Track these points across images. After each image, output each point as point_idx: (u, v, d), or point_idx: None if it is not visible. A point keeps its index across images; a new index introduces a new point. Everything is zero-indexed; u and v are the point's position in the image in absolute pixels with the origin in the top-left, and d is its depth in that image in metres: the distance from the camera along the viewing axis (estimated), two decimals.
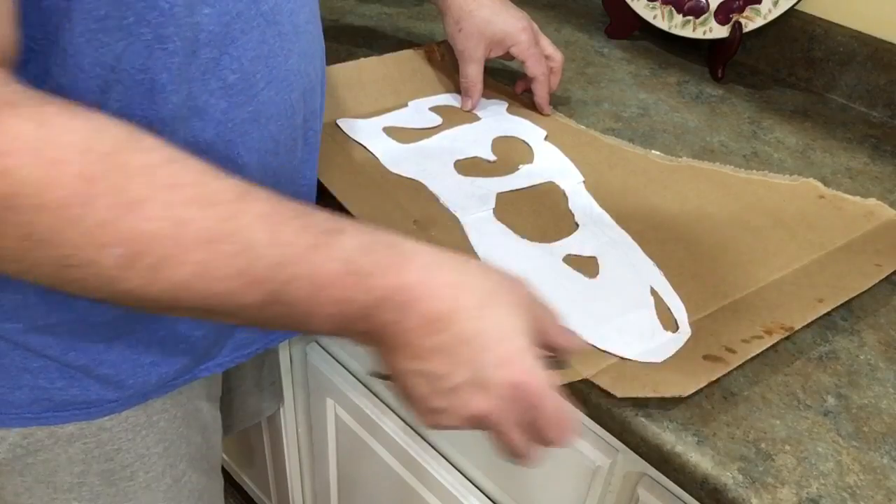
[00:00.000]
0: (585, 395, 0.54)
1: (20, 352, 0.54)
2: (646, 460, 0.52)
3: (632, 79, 0.91)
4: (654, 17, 0.96)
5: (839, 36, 0.87)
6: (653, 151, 0.77)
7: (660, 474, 0.55)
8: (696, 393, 0.52)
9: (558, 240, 0.64)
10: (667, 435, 0.50)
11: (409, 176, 0.69)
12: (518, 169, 0.72)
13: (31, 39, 0.41)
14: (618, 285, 0.60)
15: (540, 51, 0.78)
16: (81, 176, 0.35)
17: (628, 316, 0.57)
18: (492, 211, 0.66)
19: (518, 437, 0.43)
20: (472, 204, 0.67)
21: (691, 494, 0.50)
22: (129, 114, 0.45)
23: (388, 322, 0.40)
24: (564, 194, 0.70)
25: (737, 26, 0.89)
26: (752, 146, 0.80)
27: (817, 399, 0.53)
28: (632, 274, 0.62)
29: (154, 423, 0.64)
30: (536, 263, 0.61)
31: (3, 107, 0.34)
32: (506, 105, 0.82)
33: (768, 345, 0.55)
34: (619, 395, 0.51)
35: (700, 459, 0.49)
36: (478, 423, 0.42)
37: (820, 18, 0.89)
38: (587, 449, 0.61)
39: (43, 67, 0.42)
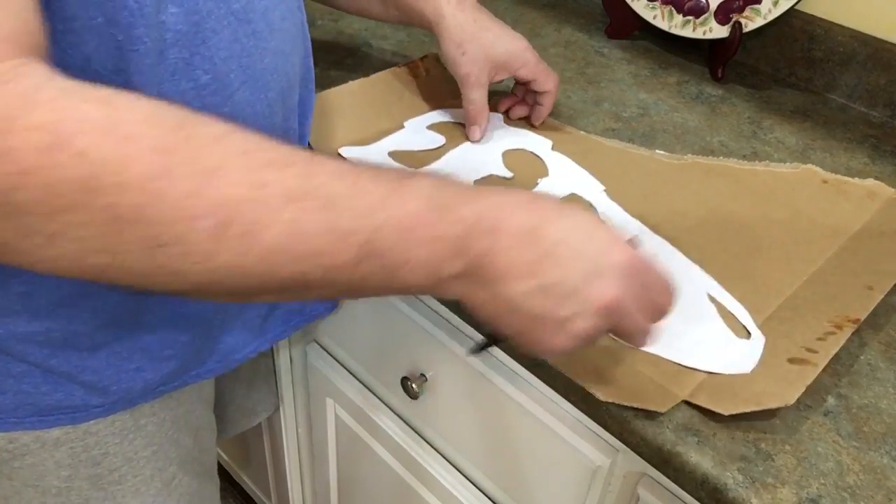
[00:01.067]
0: (585, 394, 0.54)
1: (2, 357, 0.53)
2: (646, 460, 0.52)
3: (632, 79, 0.91)
4: (654, 17, 0.96)
5: (839, 36, 0.87)
6: (657, 151, 0.77)
7: (660, 474, 0.55)
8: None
9: None
10: (667, 435, 0.50)
11: None
12: (538, 184, 0.71)
13: None
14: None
15: (546, 66, 0.76)
16: (156, 149, 0.34)
17: (699, 327, 0.57)
18: None
19: (641, 317, 0.44)
20: None
21: (691, 494, 0.50)
22: None
23: (482, 251, 0.40)
24: (591, 206, 0.69)
25: (737, 26, 0.89)
26: (752, 146, 0.80)
27: (817, 399, 0.53)
28: (685, 283, 0.61)
29: (142, 426, 0.63)
30: None
31: (64, 92, 0.34)
32: (501, 116, 0.81)
33: (844, 340, 0.56)
34: (725, 413, 0.50)
35: (700, 459, 0.49)
36: (608, 314, 0.42)
37: (820, 18, 0.89)
38: (587, 449, 0.61)
39: None
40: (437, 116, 0.80)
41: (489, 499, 0.74)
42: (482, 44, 0.73)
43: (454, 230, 0.39)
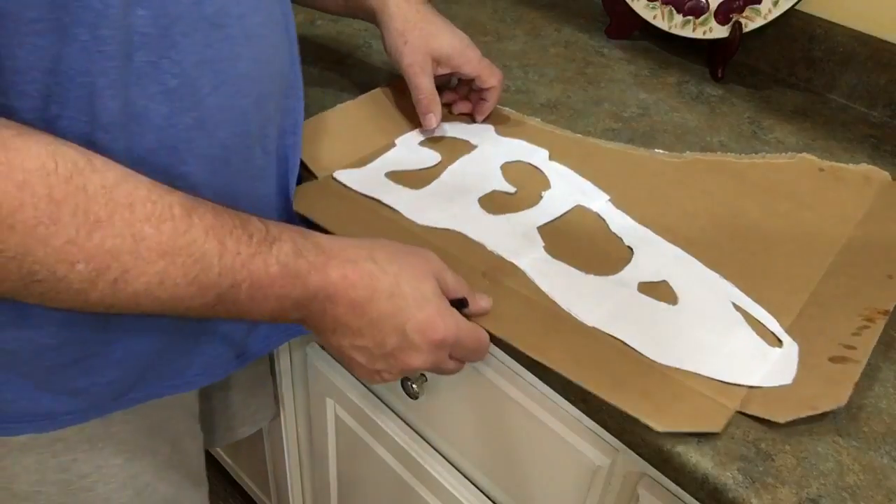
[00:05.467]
0: (585, 394, 0.54)
1: None
2: (646, 460, 0.52)
3: (632, 79, 0.91)
4: (654, 17, 0.96)
5: (839, 36, 0.87)
6: (656, 150, 0.77)
7: (660, 474, 0.55)
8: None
9: (622, 269, 0.62)
10: (667, 435, 0.50)
11: (441, 226, 0.65)
12: (542, 197, 0.70)
13: None
14: (702, 308, 0.59)
15: (489, 62, 0.75)
16: (48, 198, 0.38)
17: (730, 339, 0.56)
18: (543, 249, 0.64)
19: (450, 365, 0.55)
20: (520, 245, 0.64)
21: (691, 494, 0.50)
22: (75, 118, 0.44)
23: (319, 311, 0.49)
24: (600, 216, 0.68)
25: (737, 26, 0.89)
26: (752, 146, 0.80)
27: None
28: (708, 292, 0.60)
29: (113, 434, 0.62)
30: (617, 299, 0.59)
31: None
32: (492, 127, 0.79)
33: (879, 332, 0.56)
34: (782, 421, 0.50)
35: (700, 459, 0.49)
36: (411, 372, 0.53)
37: (820, 18, 0.89)
38: (587, 449, 0.61)
39: None
40: (426, 132, 0.77)
41: (489, 499, 0.74)
42: (424, 34, 0.72)
43: (299, 293, 0.48)
